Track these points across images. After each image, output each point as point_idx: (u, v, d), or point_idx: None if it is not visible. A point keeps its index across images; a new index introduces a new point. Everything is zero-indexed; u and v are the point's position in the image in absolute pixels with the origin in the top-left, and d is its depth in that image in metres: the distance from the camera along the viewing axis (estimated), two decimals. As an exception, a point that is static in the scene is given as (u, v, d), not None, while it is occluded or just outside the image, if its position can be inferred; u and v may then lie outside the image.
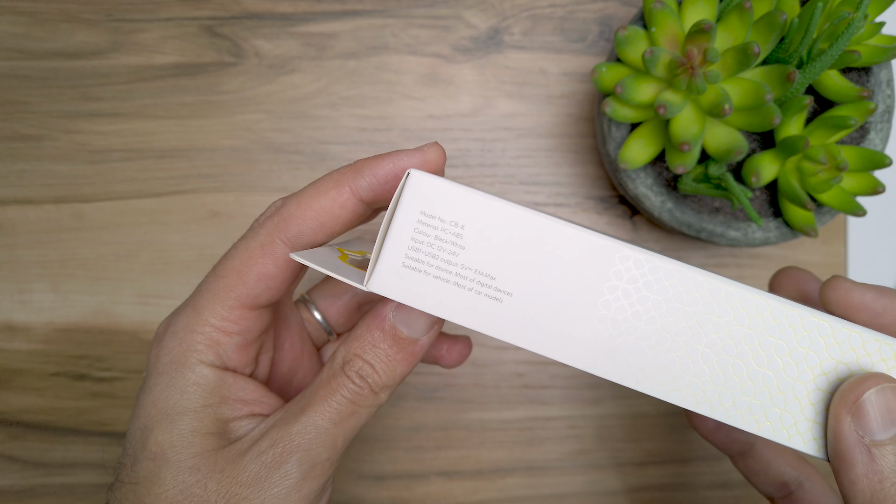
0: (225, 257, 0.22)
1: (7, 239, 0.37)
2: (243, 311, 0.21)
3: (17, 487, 0.37)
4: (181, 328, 0.21)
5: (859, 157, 0.29)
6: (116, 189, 0.37)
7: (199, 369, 0.21)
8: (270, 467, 0.19)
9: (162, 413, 0.21)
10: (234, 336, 0.22)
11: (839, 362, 0.19)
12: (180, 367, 0.21)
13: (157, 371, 0.21)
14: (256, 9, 0.37)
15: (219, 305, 0.21)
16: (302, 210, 0.21)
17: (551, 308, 0.19)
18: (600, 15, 0.37)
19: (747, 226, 0.31)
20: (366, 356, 0.20)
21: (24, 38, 0.36)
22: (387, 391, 0.21)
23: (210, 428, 0.21)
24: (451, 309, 0.19)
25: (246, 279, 0.21)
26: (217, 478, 0.19)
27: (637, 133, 0.30)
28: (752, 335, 0.19)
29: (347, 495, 0.37)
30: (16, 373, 0.37)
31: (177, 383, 0.21)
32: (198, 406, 0.21)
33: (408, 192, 0.19)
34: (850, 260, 0.38)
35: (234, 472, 0.19)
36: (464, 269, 0.19)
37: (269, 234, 0.21)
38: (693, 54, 0.26)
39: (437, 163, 0.21)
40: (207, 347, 0.21)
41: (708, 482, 0.37)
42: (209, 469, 0.20)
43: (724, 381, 0.19)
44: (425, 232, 0.19)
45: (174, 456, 0.20)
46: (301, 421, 0.20)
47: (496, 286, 0.19)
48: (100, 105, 0.36)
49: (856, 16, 0.25)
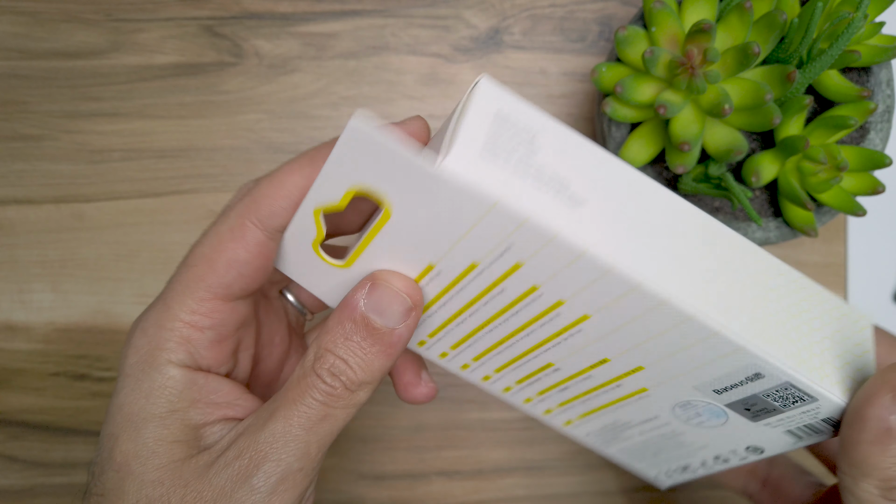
0: (194, 245, 0.20)
1: (7, 239, 0.37)
2: (215, 302, 0.20)
3: (18, 487, 0.37)
4: (150, 325, 0.20)
5: (859, 156, 0.29)
6: (116, 189, 0.37)
7: (167, 370, 0.19)
8: (237, 481, 0.18)
9: (127, 419, 0.19)
10: (206, 331, 0.20)
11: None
12: (147, 369, 0.19)
13: (124, 373, 0.20)
14: (256, 9, 0.37)
15: (189, 298, 0.19)
16: (274, 189, 0.19)
17: (626, 219, 0.18)
18: (600, 15, 0.37)
19: (747, 225, 0.31)
20: (338, 351, 0.18)
21: (25, 37, 0.36)
22: (365, 388, 0.19)
23: (177, 435, 0.19)
24: (529, 203, 0.17)
25: (216, 267, 0.19)
26: (180, 493, 0.18)
27: (637, 133, 0.30)
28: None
29: (347, 495, 0.37)
30: (16, 373, 0.37)
31: (142, 386, 0.19)
32: (163, 411, 0.19)
33: (481, 92, 0.18)
34: (850, 260, 0.38)
35: (199, 487, 0.18)
36: (542, 168, 0.17)
37: (240, 216, 0.19)
38: (693, 54, 0.26)
39: (421, 136, 0.20)
40: (178, 345, 0.19)
41: (707, 482, 0.37)
42: (173, 482, 0.18)
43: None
44: (502, 128, 0.17)
45: (138, 467, 0.18)
46: (268, 428, 0.18)
47: (572, 191, 0.18)
48: (100, 105, 0.36)
49: (856, 16, 0.26)
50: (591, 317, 0.19)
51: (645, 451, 0.25)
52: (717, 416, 0.21)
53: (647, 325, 0.19)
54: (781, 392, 0.20)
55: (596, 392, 0.22)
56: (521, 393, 0.24)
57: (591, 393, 0.23)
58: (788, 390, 0.20)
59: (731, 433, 0.22)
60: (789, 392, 0.20)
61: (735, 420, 0.21)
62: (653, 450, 0.24)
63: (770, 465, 0.27)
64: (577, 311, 0.19)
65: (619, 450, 0.25)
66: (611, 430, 0.24)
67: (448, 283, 0.20)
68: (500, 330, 0.21)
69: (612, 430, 0.24)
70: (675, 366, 0.20)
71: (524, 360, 0.22)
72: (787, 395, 0.20)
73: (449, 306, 0.21)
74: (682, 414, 0.22)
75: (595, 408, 0.23)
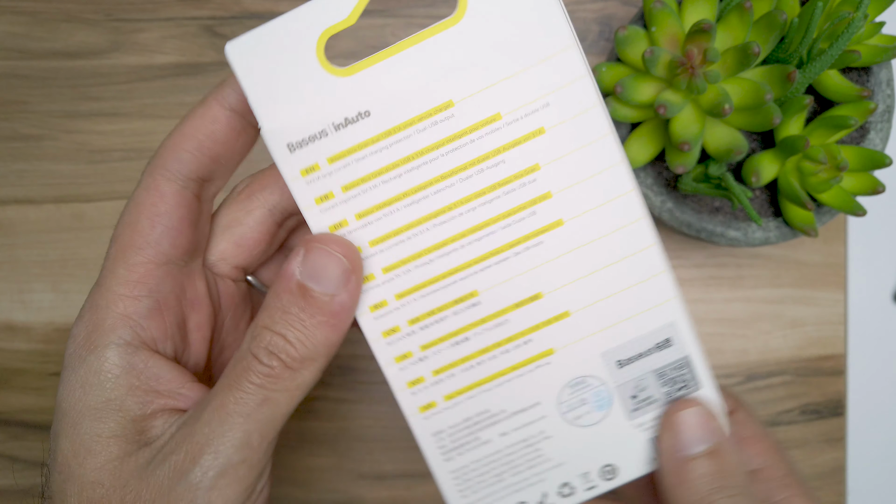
0: (119, 219, 0.19)
1: (7, 239, 0.37)
2: (148, 266, 0.18)
3: (18, 487, 0.37)
4: (86, 309, 0.18)
5: (859, 156, 0.29)
6: (117, 189, 0.37)
7: (104, 353, 0.18)
8: (174, 477, 0.16)
9: (64, 415, 0.18)
10: (142, 299, 0.18)
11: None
12: (84, 354, 0.18)
13: (63, 366, 0.18)
14: (256, 8, 0.37)
15: (119, 267, 0.18)
16: (174, 139, 0.19)
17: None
18: (600, 15, 0.37)
19: (747, 225, 0.31)
20: (275, 327, 0.17)
21: (25, 37, 0.36)
22: (310, 366, 0.17)
23: (114, 430, 0.17)
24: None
25: (139, 228, 0.19)
26: (119, 494, 0.16)
27: (637, 133, 0.30)
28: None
29: (347, 495, 0.37)
30: (16, 372, 0.37)
31: (78, 375, 0.18)
32: (98, 402, 0.17)
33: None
34: (850, 260, 0.38)
35: (138, 487, 0.16)
36: None
37: (150, 175, 0.19)
38: (693, 54, 0.26)
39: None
40: (116, 321, 0.18)
41: None
42: (112, 483, 0.17)
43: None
44: None
45: (77, 468, 0.17)
46: (204, 418, 0.17)
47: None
48: (100, 105, 0.36)
49: (856, 15, 0.26)
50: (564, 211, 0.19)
51: (485, 474, 0.21)
52: (600, 407, 0.21)
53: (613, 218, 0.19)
54: (675, 371, 0.21)
55: (497, 350, 0.20)
56: (403, 342, 0.20)
57: (490, 351, 0.20)
58: (682, 370, 0.20)
59: (601, 438, 0.21)
60: (682, 373, 0.21)
61: (614, 416, 0.21)
62: (497, 470, 0.21)
63: None
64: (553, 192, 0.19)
65: (459, 468, 0.21)
66: (472, 426, 0.21)
67: (455, 133, 0.19)
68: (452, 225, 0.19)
69: (473, 427, 0.21)
70: (602, 314, 0.20)
71: (447, 281, 0.20)
72: (678, 378, 0.21)
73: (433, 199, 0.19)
74: (569, 399, 0.21)
75: (477, 381, 0.21)
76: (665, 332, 0.20)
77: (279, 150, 0.19)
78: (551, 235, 0.19)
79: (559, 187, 0.19)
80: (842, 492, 0.38)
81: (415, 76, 0.18)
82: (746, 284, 0.37)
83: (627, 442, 0.21)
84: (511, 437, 0.21)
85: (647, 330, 0.20)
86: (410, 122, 0.19)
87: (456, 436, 0.21)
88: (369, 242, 0.19)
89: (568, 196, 0.19)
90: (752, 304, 0.37)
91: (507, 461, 0.21)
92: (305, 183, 0.19)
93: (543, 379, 0.21)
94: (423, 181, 0.19)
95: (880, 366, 0.38)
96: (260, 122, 0.19)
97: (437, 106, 0.19)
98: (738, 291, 0.37)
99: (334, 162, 0.19)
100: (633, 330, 0.20)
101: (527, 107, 0.18)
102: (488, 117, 0.19)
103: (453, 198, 0.19)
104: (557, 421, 0.21)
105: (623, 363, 0.21)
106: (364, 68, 0.19)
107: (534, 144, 0.19)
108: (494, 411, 0.21)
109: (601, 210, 0.19)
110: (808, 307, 0.37)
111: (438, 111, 0.19)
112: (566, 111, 0.18)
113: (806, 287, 0.37)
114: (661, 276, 0.20)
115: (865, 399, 0.38)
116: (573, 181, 0.19)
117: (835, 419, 0.37)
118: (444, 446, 0.21)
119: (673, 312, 0.20)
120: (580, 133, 0.19)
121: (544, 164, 0.19)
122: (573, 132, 0.19)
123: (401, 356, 0.20)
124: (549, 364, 0.20)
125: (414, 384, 0.20)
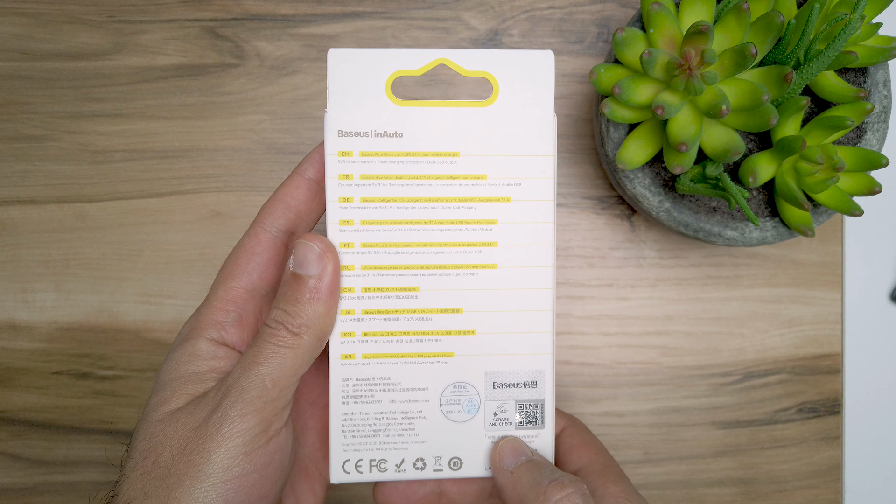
0: (228, 255, 0.27)
1: (10, 239, 0.37)
2: (238, 291, 0.25)
3: (21, 485, 0.37)
4: (193, 314, 0.26)
5: (856, 157, 0.29)
6: (119, 189, 0.37)
7: (196, 342, 0.24)
8: (212, 409, 0.22)
9: (160, 379, 0.24)
10: (230, 313, 0.25)
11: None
12: (182, 342, 0.25)
13: (170, 348, 0.25)
14: (258, 10, 0.37)
15: (220, 289, 0.25)
16: (269, 202, 0.26)
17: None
18: (599, 16, 0.37)
19: (744, 226, 0.31)
20: (280, 305, 0.24)
21: (27, 39, 0.37)
22: (309, 332, 0.23)
23: (190, 392, 0.24)
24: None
25: (238, 262, 0.26)
26: (173, 426, 0.23)
27: (635, 134, 0.30)
28: None
29: (348, 494, 0.37)
30: (19, 372, 0.37)
31: (176, 354, 0.25)
32: (186, 373, 0.24)
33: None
34: (847, 260, 0.38)
35: (187, 420, 0.23)
36: None
37: (252, 226, 0.26)
38: (691, 55, 0.26)
39: None
40: (209, 324, 0.25)
41: (706, 480, 0.37)
42: (169, 420, 0.23)
43: None
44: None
45: (161, 408, 0.23)
46: (234, 371, 0.23)
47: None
48: (102, 106, 0.37)
49: (852, 17, 0.26)
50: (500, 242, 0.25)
51: (367, 426, 0.26)
52: (469, 412, 0.26)
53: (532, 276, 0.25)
54: (531, 408, 0.26)
55: (415, 337, 0.26)
56: (352, 302, 0.25)
57: (409, 336, 0.26)
58: (536, 409, 0.26)
59: (460, 435, 0.26)
60: (535, 410, 0.26)
61: (476, 422, 0.26)
62: (376, 427, 0.26)
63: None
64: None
65: (350, 413, 0.26)
66: (373, 385, 0.26)
67: (453, 174, 0.25)
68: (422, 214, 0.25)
69: (373, 386, 0.26)
70: (497, 344, 0.25)
71: (401, 271, 0.25)
72: (531, 412, 0.26)
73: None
74: (449, 395, 0.26)
75: (391, 353, 0.26)
76: (535, 376, 0.26)
77: (331, 132, 0.25)
78: (486, 272, 0.25)
79: (505, 242, 0.25)
80: (839, 490, 0.38)
81: (443, 125, 0.25)
82: (743, 284, 0.37)
83: (478, 446, 0.26)
84: (397, 406, 0.26)
85: (523, 369, 0.26)
86: (426, 154, 0.25)
87: (359, 387, 0.26)
88: (361, 221, 0.25)
89: (508, 251, 0.25)
90: (749, 304, 0.37)
91: (386, 423, 0.26)
92: (338, 161, 0.25)
93: (438, 373, 0.26)
94: (417, 196, 0.25)
95: (877, 364, 0.39)
96: (328, 108, 0.25)
97: (449, 152, 0.25)
98: (736, 291, 0.37)
99: (364, 156, 0.25)
100: (515, 364, 0.26)
101: (507, 179, 0.25)
102: (478, 174, 0.25)
103: (432, 216, 0.25)
104: (435, 408, 0.26)
105: (497, 385, 0.26)
106: (413, 105, 0.25)
107: (501, 206, 0.25)
108: (394, 381, 0.26)
109: (526, 271, 0.25)
110: (804, 306, 0.38)
111: (448, 155, 0.25)
112: (531, 194, 0.25)
113: (803, 286, 0.38)
114: (548, 334, 0.26)
115: (862, 397, 0.39)
116: (515, 243, 0.25)
117: (832, 417, 0.38)
118: (346, 391, 0.26)
119: (546, 364, 0.26)
120: (534, 213, 0.25)
121: (502, 221, 0.25)
122: (529, 210, 0.25)
123: (346, 311, 0.25)
124: (446, 364, 0.26)
125: (346, 336, 0.25)
